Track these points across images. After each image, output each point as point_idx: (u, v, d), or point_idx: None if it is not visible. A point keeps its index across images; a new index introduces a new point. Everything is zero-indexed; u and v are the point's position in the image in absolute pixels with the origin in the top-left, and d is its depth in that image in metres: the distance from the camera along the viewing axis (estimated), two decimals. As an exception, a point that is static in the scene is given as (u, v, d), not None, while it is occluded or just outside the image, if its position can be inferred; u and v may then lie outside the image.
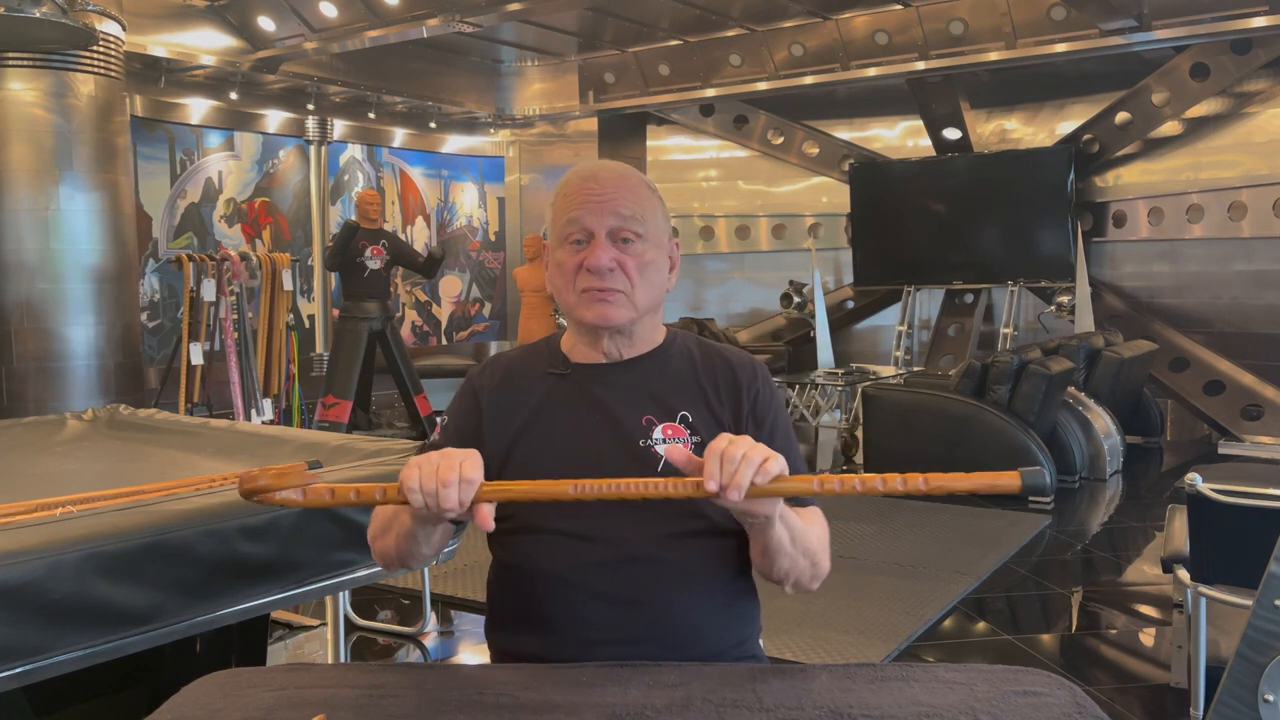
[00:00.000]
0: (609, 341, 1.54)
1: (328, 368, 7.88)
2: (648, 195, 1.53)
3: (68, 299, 6.41)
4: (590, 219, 1.49)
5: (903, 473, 1.24)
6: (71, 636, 1.59)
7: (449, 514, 1.26)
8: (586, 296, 1.49)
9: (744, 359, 1.60)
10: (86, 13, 6.14)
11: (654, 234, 1.52)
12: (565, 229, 1.50)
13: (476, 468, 1.27)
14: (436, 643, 3.90)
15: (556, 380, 1.56)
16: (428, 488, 1.25)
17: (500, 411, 1.55)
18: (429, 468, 1.26)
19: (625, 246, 1.49)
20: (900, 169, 9.64)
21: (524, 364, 1.61)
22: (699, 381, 1.55)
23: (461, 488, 1.25)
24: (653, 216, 1.52)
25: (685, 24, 8.86)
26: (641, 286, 1.50)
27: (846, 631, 3.78)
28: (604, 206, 1.49)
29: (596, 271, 1.47)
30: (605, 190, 1.50)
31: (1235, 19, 7.07)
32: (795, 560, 1.43)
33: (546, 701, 1.27)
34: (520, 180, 10.99)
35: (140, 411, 3.22)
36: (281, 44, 8.03)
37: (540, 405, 1.54)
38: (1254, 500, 2.45)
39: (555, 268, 1.54)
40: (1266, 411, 7.82)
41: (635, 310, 1.51)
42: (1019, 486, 1.21)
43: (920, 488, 1.23)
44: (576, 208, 1.50)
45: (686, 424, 1.51)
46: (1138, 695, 3.28)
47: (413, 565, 1.49)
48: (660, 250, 1.54)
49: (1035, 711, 1.23)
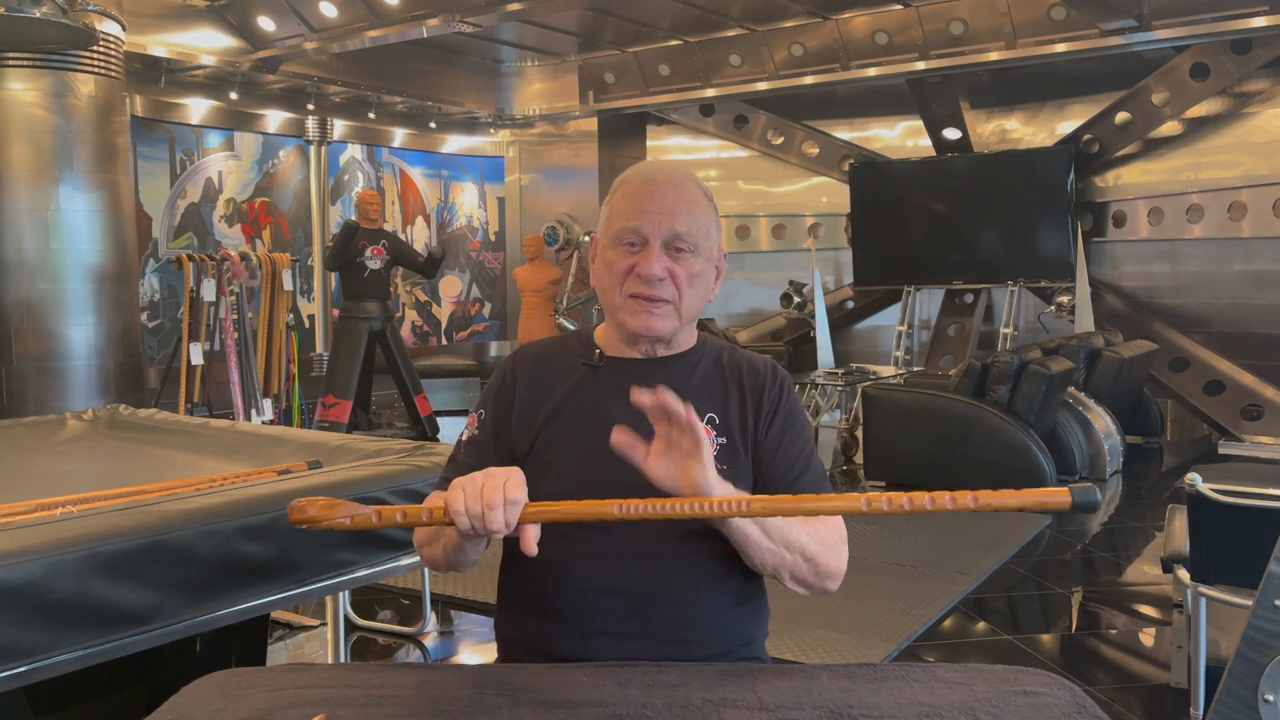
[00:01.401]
0: (647, 343, 1.57)
1: (328, 368, 7.88)
2: (705, 207, 1.55)
3: (68, 299, 6.41)
4: (647, 227, 1.50)
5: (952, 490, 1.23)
6: (71, 636, 1.59)
7: (495, 535, 1.27)
8: (633, 303, 1.51)
9: (767, 364, 1.63)
10: (86, 13, 6.14)
11: (706, 247, 1.54)
12: (620, 232, 1.52)
13: (520, 487, 1.28)
14: (436, 643, 3.90)
15: (588, 371, 1.57)
16: (473, 510, 1.26)
17: (530, 398, 1.56)
18: (473, 489, 1.27)
19: (678, 256, 1.51)
20: (900, 169, 9.63)
21: (556, 353, 1.62)
22: (725, 384, 1.58)
23: (507, 509, 1.26)
24: (707, 229, 1.54)
25: (685, 24, 8.86)
26: (689, 297, 1.53)
27: (846, 631, 3.78)
28: (663, 219, 1.50)
29: (647, 280, 1.49)
30: (666, 199, 1.51)
31: (1235, 19, 7.06)
32: (779, 555, 1.43)
33: (547, 701, 1.27)
34: (520, 180, 10.99)
35: (140, 411, 3.22)
36: (281, 44, 8.02)
37: (570, 394, 1.55)
38: (1254, 500, 2.45)
39: (604, 266, 1.55)
40: (1266, 411, 7.82)
41: (679, 320, 1.54)
42: (1069, 504, 1.20)
43: (969, 505, 1.21)
44: (636, 215, 1.51)
45: (713, 425, 1.53)
46: (1138, 695, 3.28)
47: (462, 569, 1.50)
48: (709, 262, 1.56)
49: (1035, 711, 1.23)
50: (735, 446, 1.53)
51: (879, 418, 6.44)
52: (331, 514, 1.29)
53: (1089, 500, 1.20)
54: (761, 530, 1.41)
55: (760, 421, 1.55)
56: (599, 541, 1.45)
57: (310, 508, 1.29)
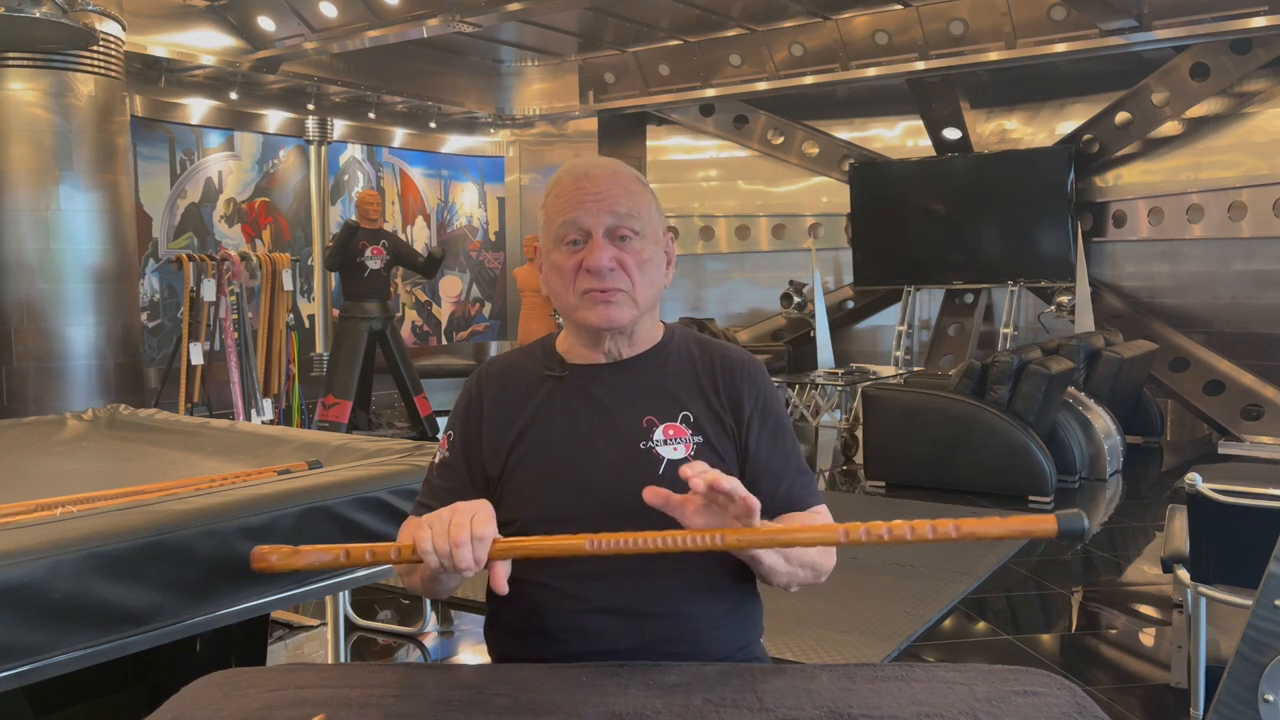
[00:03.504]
0: (610, 342, 1.52)
1: (328, 368, 7.88)
2: (641, 191, 1.51)
3: (68, 299, 6.40)
4: (587, 219, 1.46)
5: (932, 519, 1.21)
6: (71, 636, 1.59)
7: (465, 573, 1.27)
8: (588, 298, 1.47)
9: (744, 357, 1.59)
10: (86, 13, 6.14)
11: (650, 230, 1.51)
12: (561, 230, 1.48)
13: (486, 522, 1.27)
14: (436, 643, 3.90)
15: (554, 383, 1.53)
16: (441, 549, 1.25)
17: (498, 417, 1.53)
18: (440, 527, 1.26)
19: (623, 244, 1.47)
20: (900, 169, 9.63)
21: (520, 368, 1.58)
22: (699, 379, 1.53)
23: (475, 545, 1.25)
24: (648, 212, 1.51)
25: (685, 24, 8.86)
26: (642, 284, 1.49)
27: (846, 631, 3.78)
28: (600, 205, 1.46)
29: (596, 272, 1.45)
30: (600, 188, 1.47)
31: (1235, 19, 7.06)
32: (794, 573, 1.43)
33: (546, 701, 1.27)
34: (520, 180, 10.99)
35: (140, 411, 3.22)
36: (281, 44, 8.02)
37: (538, 409, 1.52)
38: (1254, 500, 2.45)
39: (552, 270, 1.51)
40: (1266, 411, 7.82)
41: (637, 309, 1.50)
42: (1055, 532, 1.19)
43: (950, 535, 1.19)
44: (572, 208, 1.47)
45: (688, 423, 1.49)
46: (1138, 695, 3.28)
47: (442, 596, 1.50)
48: (657, 246, 1.52)
49: (1035, 711, 1.23)
50: (711, 444, 1.49)
51: (879, 418, 6.44)
52: (292, 563, 1.31)
53: (1075, 528, 1.18)
54: (784, 558, 1.40)
55: (743, 421, 1.52)
56: (585, 560, 1.42)
57: (272, 554, 1.30)
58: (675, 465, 1.44)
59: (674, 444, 1.47)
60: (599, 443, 1.48)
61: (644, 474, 1.43)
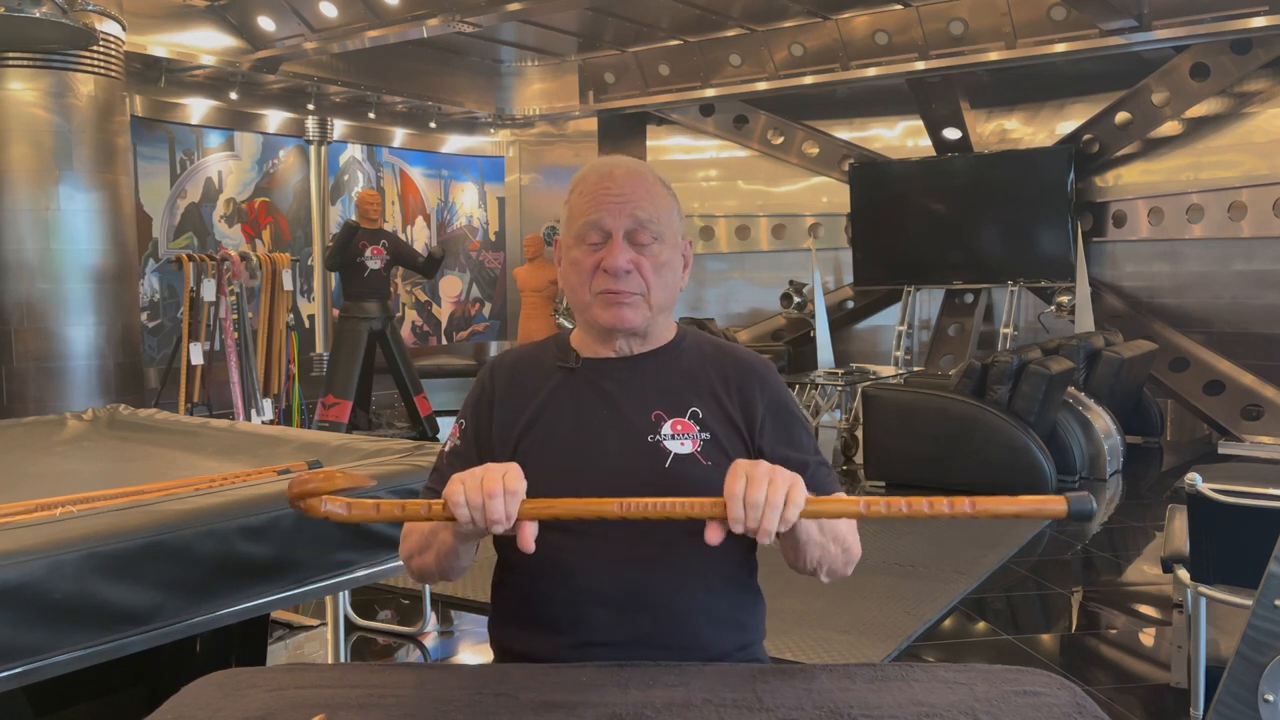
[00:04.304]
0: (622, 339, 1.54)
1: (328, 368, 7.88)
2: (664, 195, 1.53)
3: (68, 299, 6.40)
4: (608, 220, 1.48)
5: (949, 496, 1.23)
6: (71, 636, 1.59)
7: (495, 527, 1.26)
8: (603, 298, 1.49)
9: (756, 360, 1.60)
10: (86, 13, 6.14)
11: (669, 235, 1.52)
12: (582, 229, 1.50)
13: (519, 479, 1.27)
14: (436, 643, 3.90)
15: (565, 374, 1.55)
16: (474, 501, 1.25)
17: (509, 406, 1.55)
18: (473, 481, 1.26)
19: (642, 248, 1.49)
20: (900, 169, 9.63)
21: (532, 359, 1.61)
22: (709, 378, 1.55)
23: (507, 499, 1.25)
24: (668, 217, 1.52)
25: (685, 24, 8.86)
26: (657, 287, 1.51)
27: (846, 631, 3.78)
28: (622, 208, 1.48)
29: (613, 273, 1.47)
30: (623, 190, 1.49)
31: (1235, 19, 7.06)
32: (826, 548, 1.43)
33: (546, 701, 1.27)
34: (520, 180, 10.99)
35: (140, 411, 3.22)
36: (281, 44, 8.03)
37: (548, 399, 1.54)
38: (1254, 500, 2.45)
39: (570, 266, 1.53)
40: (1266, 411, 7.82)
41: (650, 311, 1.52)
42: (1065, 512, 1.20)
43: (966, 511, 1.21)
44: (594, 209, 1.49)
45: (696, 420, 1.51)
46: (1138, 695, 3.28)
47: (453, 577, 1.49)
48: (675, 250, 1.54)
49: (1035, 711, 1.23)
50: (720, 442, 1.50)
51: (879, 418, 6.44)
52: (331, 484, 1.28)
53: (1084, 509, 1.20)
54: (820, 527, 1.40)
55: (755, 422, 1.53)
56: (592, 551, 1.44)
57: (311, 480, 1.28)
58: (681, 460, 1.46)
59: (681, 439, 1.48)
60: (605, 435, 1.49)
61: (650, 467, 1.45)
